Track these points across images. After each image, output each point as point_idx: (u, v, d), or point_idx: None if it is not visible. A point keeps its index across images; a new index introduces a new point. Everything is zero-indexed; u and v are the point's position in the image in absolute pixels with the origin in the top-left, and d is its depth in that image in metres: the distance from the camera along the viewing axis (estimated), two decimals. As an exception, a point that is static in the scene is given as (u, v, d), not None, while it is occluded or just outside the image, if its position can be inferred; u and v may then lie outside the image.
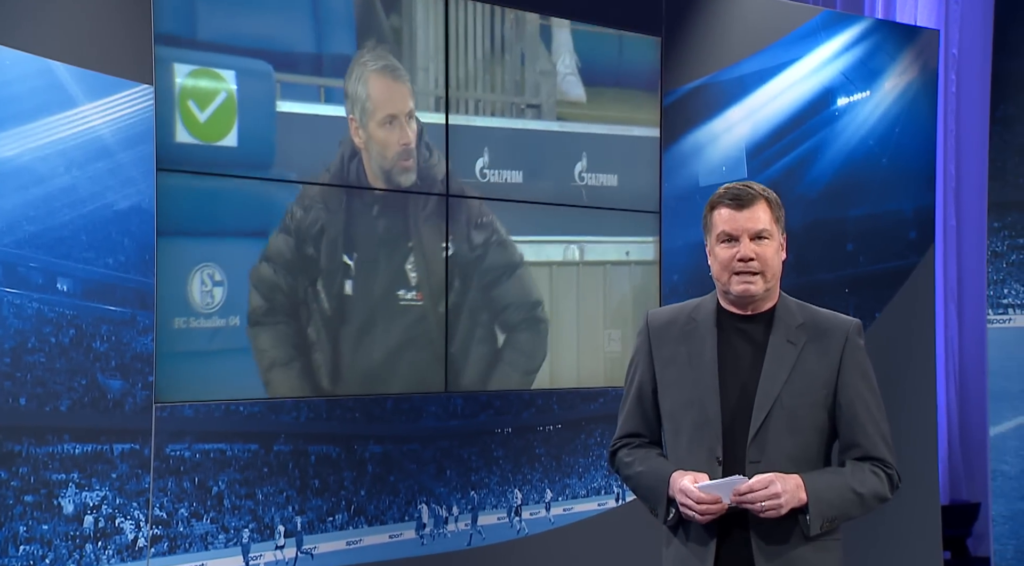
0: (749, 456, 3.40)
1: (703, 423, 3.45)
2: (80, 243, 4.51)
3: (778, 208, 3.52)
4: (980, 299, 8.85)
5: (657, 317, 3.65)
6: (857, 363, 3.49)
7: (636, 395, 3.65)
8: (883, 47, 6.99)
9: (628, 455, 3.64)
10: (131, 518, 4.61)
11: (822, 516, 3.37)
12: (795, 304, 3.55)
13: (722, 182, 6.35)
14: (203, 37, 4.87)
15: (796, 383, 3.43)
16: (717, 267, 3.50)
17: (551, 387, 5.82)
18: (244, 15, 4.99)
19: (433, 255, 5.45)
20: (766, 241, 3.46)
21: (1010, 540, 7.04)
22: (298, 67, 5.13)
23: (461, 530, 5.54)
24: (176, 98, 4.80)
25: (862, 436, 3.46)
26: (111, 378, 4.58)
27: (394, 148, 5.35)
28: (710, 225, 3.53)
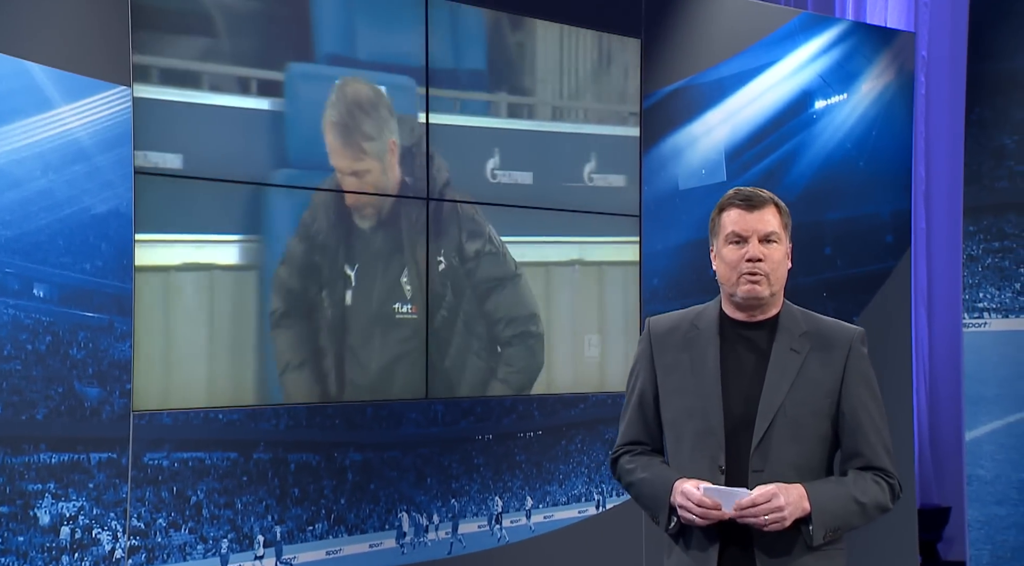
0: (752, 465, 3.35)
1: (705, 431, 3.40)
2: (57, 248, 4.42)
3: (787, 215, 3.47)
4: (952, 302, 8.85)
5: (659, 324, 3.60)
6: (861, 372, 3.44)
7: (637, 403, 3.59)
8: (860, 50, 6.98)
9: (630, 462, 3.58)
10: (108, 529, 4.53)
11: (825, 526, 3.32)
12: (799, 312, 3.50)
13: (702, 186, 6.41)
14: (361, 56, 5.30)
15: (799, 392, 3.38)
16: (724, 268, 3.43)
17: (532, 393, 5.75)
18: (393, 36, 5.41)
19: (423, 266, 5.41)
20: (774, 244, 3.41)
21: (985, 545, 7.01)
22: (437, 82, 5.52)
23: (442, 539, 5.47)
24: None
25: (864, 445, 3.42)
26: (88, 386, 4.49)
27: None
28: (718, 227, 3.47)
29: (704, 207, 6.33)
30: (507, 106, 5.79)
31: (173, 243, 4.79)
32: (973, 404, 7.14)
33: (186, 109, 4.84)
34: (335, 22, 5.27)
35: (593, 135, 6.00)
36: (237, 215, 4.97)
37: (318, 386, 5.11)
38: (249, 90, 5.04)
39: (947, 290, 9.12)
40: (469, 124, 5.66)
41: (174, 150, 4.79)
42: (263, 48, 5.05)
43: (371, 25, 5.36)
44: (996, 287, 7.07)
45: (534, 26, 5.82)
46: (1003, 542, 6.96)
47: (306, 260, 5.10)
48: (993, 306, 7.08)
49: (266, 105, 5.08)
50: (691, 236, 6.22)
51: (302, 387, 5.08)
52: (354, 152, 5.26)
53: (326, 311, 5.14)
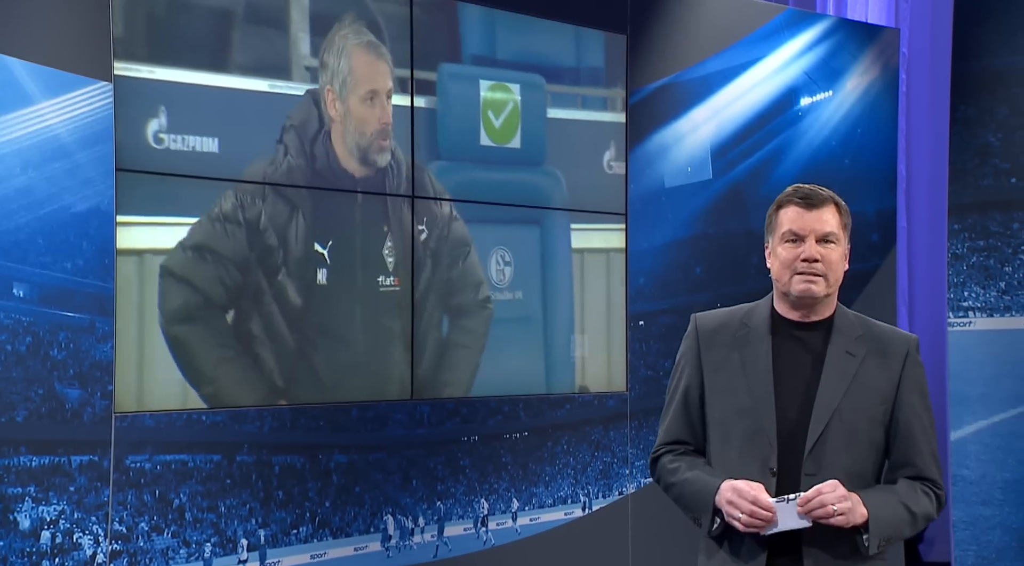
0: (805, 469, 3.26)
1: (756, 433, 3.30)
2: (37, 247, 4.34)
3: (847, 215, 3.37)
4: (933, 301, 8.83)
5: (706, 321, 3.49)
6: (915, 380, 3.35)
7: (682, 400, 3.48)
8: (845, 46, 6.95)
9: (673, 461, 3.47)
10: (90, 533, 4.45)
11: (880, 534, 3.24)
12: (853, 315, 3.41)
13: (687, 184, 6.36)
14: (501, 56, 5.74)
15: (855, 396, 3.30)
16: (778, 266, 3.34)
17: (517, 393, 5.69)
18: (524, 37, 5.81)
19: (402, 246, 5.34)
20: (832, 245, 3.31)
21: (971, 546, 6.99)
22: (562, 79, 5.96)
23: (427, 542, 5.41)
24: (480, 108, 5.68)
25: (916, 455, 3.34)
26: (69, 387, 4.41)
27: (373, 125, 5.29)
28: (775, 224, 3.38)
29: (691, 205, 6.35)
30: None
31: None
32: (958, 404, 7.11)
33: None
34: (478, 27, 5.71)
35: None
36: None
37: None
38: (406, 89, 5.44)
39: (928, 289, 9.09)
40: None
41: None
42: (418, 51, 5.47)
43: (507, 29, 5.81)
44: (981, 286, 7.05)
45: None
46: (988, 543, 6.93)
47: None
48: (978, 305, 7.06)
49: (421, 102, 5.47)
50: (677, 235, 6.17)
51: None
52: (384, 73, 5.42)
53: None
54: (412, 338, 5.34)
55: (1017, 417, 6.94)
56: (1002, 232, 6.98)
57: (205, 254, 4.83)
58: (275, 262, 5.00)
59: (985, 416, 7.03)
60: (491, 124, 5.72)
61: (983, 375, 7.06)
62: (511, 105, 5.79)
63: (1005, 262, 6.96)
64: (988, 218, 7.01)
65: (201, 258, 4.82)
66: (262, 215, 4.95)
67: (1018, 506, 6.85)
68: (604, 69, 6.05)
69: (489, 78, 5.73)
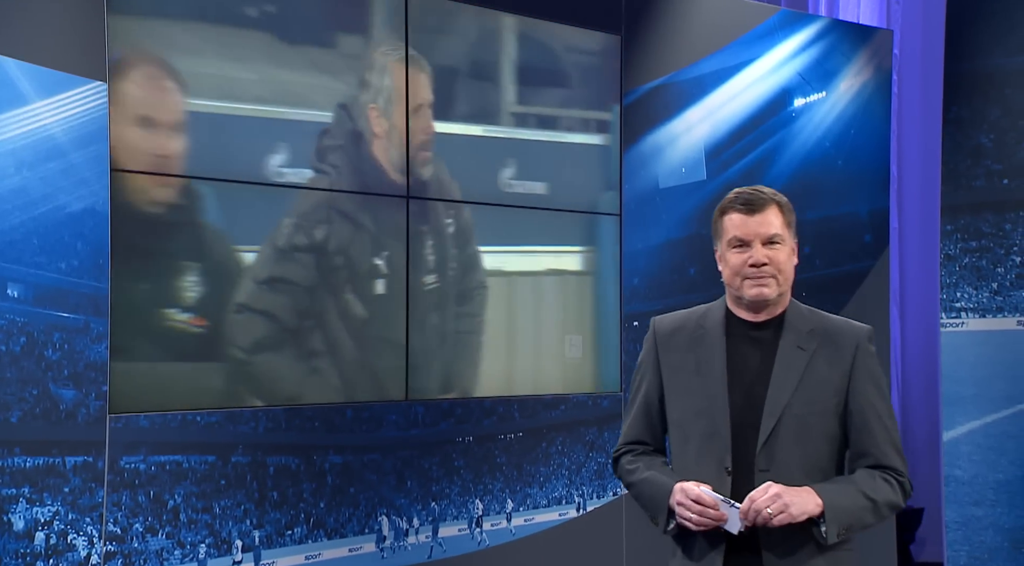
0: (758, 465, 3.30)
1: (712, 433, 3.36)
2: (31, 247, 4.32)
3: (790, 212, 3.44)
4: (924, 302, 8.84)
5: (664, 324, 3.56)
6: (869, 370, 3.40)
7: (642, 403, 3.55)
8: (838, 47, 6.95)
9: (631, 462, 3.55)
10: (84, 534, 4.43)
11: (838, 523, 3.27)
12: (806, 309, 3.47)
13: (682, 184, 6.35)
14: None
15: (806, 390, 3.34)
16: (728, 272, 3.40)
17: (512, 394, 5.68)
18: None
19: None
20: (778, 246, 3.38)
21: (963, 546, 6.99)
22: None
23: (422, 542, 5.40)
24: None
25: (872, 444, 3.37)
26: (63, 388, 4.39)
27: (419, 136, 5.32)
28: (720, 230, 3.43)
29: (685, 206, 6.34)
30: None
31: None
32: (950, 404, 7.11)
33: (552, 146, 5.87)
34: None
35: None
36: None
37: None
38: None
39: (920, 290, 9.10)
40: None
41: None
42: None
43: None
44: (973, 287, 7.05)
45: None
46: (980, 543, 6.93)
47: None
48: (970, 306, 7.05)
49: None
50: (671, 235, 6.17)
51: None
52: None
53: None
54: (407, 339, 5.33)
55: (1009, 418, 6.94)
56: (994, 233, 6.98)
57: (278, 285, 4.94)
58: (340, 279, 5.10)
59: (977, 417, 7.03)
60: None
61: (975, 376, 7.06)
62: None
63: (997, 263, 6.96)
64: (980, 219, 7.01)
65: (274, 290, 4.93)
66: (328, 238, 5.07)
67: (1010, 506, 6.85)
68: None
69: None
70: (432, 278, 5.45)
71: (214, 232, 4.87)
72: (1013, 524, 6.82)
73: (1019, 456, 6.83)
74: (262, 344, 4.97)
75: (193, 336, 4.80)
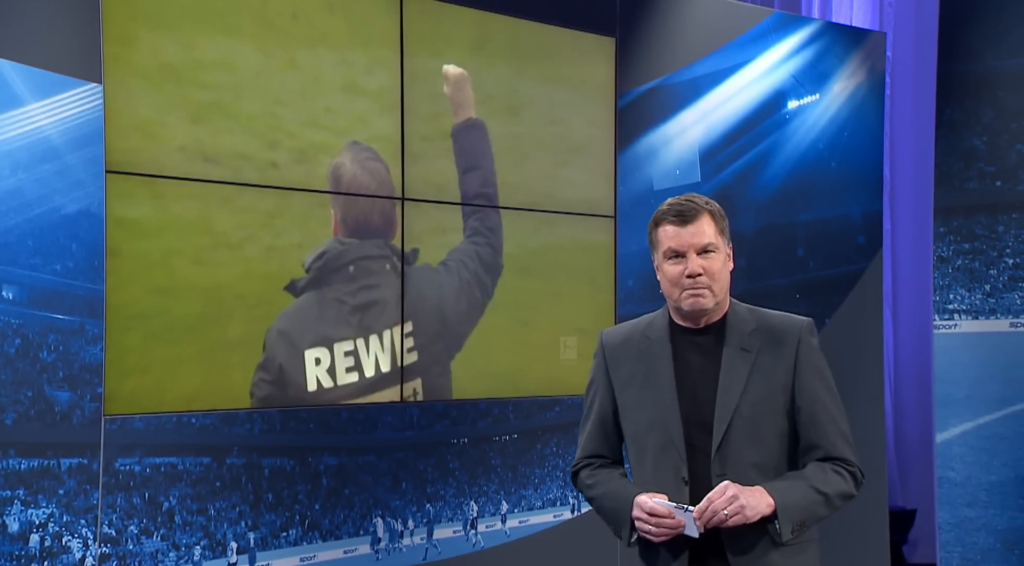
0: (713, 470, 3.33)
1: (666, 444, 3.38)
2: (26, 248, 4.32)
3: (722, 219, 3.45)
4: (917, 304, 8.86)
5: (611, 337, 3.59)
6: (812, 363, 3.42)
7: (597, 418, 3.58)
8: (832, 50, 6.96)
9: (590, 476, 3.58)
10: (79, 536, 4.43)
11: (791, 520, 3.29)
12: (746, 310, 3.49)
13: (676, 186, 6.35)
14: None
15: (753, 391, 3.37)
16: (667, 283, 3.43)
17: (507, 396, 5.68)
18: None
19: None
20: (712, 254, 3.39)
21: (956, 547, 7.00)
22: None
23: (417, 544, 5.40)
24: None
25: (822, 437, 3.39)
26: (59, 390, 4.39)
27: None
28: (656, 242, 3.48)
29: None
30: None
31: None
32: (943, 406, 7.13)
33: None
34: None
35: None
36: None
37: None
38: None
39: (912, 292, 9.12)
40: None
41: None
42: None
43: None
44: (966, 289, 7.07)
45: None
46: (973, 544, 6.95)
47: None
48: (963, 307, 7.07)
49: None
50: (666, 237, 6.16)
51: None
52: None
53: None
54: (402, 341, 5.33)
55: (1002, 419, 6.95)
56: (987, 235, 7.00)
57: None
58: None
59: (970, 418, 7.05)
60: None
61: (968, 377, 7.08)
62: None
63: (990, 265, 6.98)
64: (973, 221, 7.03)
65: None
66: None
67: (1003, 508, 6.87)
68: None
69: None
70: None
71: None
72: (1006, 525, 6.84)
73: (1012, 458, 6.85)
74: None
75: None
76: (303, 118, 5.09)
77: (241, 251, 4.91)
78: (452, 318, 5.53)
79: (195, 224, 4.81)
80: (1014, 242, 6.85)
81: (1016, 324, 6.87)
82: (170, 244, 4.73)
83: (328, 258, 5.13)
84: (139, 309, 4.63)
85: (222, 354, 4.84)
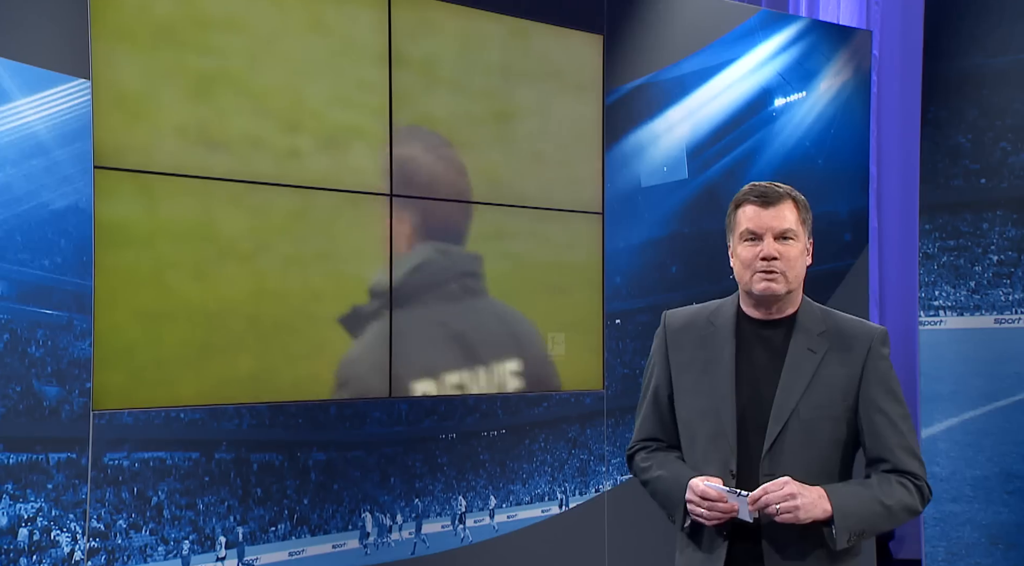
0: (762, 469, 3.26)
1: (717, 435, 3.33)
2: (15, 244, 4.33)
3: (805, 210, 3.38)
4: (903, 301, 8.88)
5: (675, 319, 3.52)
6: (880, 373, 3.33)
7: (652, 399, 3.52)
8: (818, 48, 6.99)
9: (646, 459, 3.52)
10: (67, 530, 4.44)
11: (849, 529, 3.21)
12: (819, 310, 3.40)
13: (664, 183, 6.39)
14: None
15: (815, 394, 3.29)
16: (739, 266, 3.35)
17: (495, 391, 5.70)
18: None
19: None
20: (791, 241, 3.31)
21: (940, 542, 7.04)
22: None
23: (405, 539, 5.42)
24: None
25: (886, 450, 3.30)
26: (47, 385, 4.40)
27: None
28: (734, 223, 3.38)
29: (666, 204, 6.37)
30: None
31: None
32: (929, 402, 7.16)
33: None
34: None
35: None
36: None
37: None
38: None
39: (899, 289, 9.14)
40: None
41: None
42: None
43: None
44: (951, 285, 7.10)
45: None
46: (958, 539, 6.98)
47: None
48: (948, 304, 7.11)
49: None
50: (653, 234, 6.19)
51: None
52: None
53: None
54: (391, 335, 5.34)
55: (986, 415, 6.99)
56: (972, 232, 7.03)
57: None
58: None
59: (955, 414, 7.08)
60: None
61: (953, 373, 7.11)
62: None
63: (975, 262, 7.02)
64: (959, 218, 7.07)
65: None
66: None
67: (987, 503, 6.90)
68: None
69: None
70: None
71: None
72: (990, 520, 6.88)
73: (996, 453, 6.89)
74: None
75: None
76: (330, 94, 5.09)
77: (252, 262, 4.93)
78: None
79: (194, 229, 4.81)
80: (999, 239, 6.88)
81: (1001, 320, 6.91)
82: (164, 254, 4.74)
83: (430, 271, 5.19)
84: (127, 340, 4.64)
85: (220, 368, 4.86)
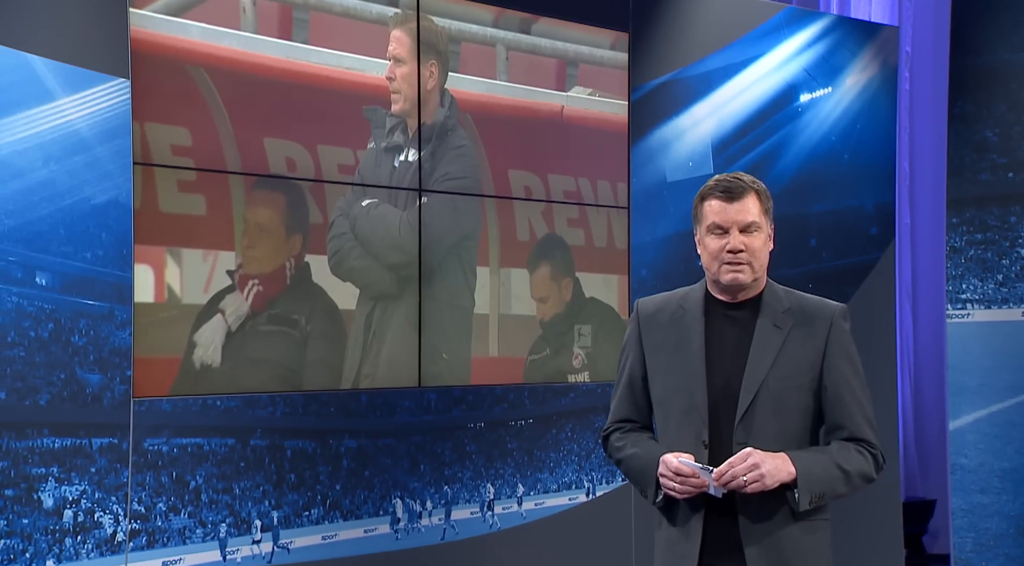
0: (735, 438, 3.45)
1: (690, 408, 3.51)
2: (58, 237, 4.49)
3: (767, 199, 3.57)
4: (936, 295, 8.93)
5: (647, 305, 3.71)
6: (842, 346, 3.54)
7: (627, 382, 3.70)
8: (844, 44, 7.06)
9: (620, 439, 3.70)
10: (110, 512, 4.60)
11: (810, 491, 3.41)
12: (782, 290, 3.61)
13: (689, 178, 6.48)
14: None
15: (782, 367, 3.48)
16: (707, 257, 3.54)
17: (523, 382, 5.83)
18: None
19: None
20: (755, 233, 3.51)
21: (969, 533, 7.11)
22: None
23: (435, 525, 5.54)
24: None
25: (847, 418, 3.51)
26: (89, 372, 4.56)
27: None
28: (700, 216, 3.57)
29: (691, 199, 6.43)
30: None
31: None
32: (956, 394, 7.23)
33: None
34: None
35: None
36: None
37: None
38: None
39: (932, 285, 9.18)
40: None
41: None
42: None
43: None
44: (979, 278, 7.17)
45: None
46: (986, 530, 7.06)
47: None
48: (976, 297, 7.18)
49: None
50: (679, 228, 6.29)
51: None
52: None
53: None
54: (420, 327, 5.47)
55: (1014, 407, 7.06)
56: (999, 226, 7.10)
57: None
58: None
59: (983, 406, 7.15)
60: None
61: (981, 366, 7.18)
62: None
63: (1002, 255, 7.09)
64: (986, 212, 7.14)
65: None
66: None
67: (1015, 494, 6.97)
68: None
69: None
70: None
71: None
72: (1018, 511, 6.95)
73: (1023, 444, 6.96)
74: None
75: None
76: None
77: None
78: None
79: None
80: (1026, 232, 6.96)
81: (1028, 313, 6.98)
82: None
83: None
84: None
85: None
